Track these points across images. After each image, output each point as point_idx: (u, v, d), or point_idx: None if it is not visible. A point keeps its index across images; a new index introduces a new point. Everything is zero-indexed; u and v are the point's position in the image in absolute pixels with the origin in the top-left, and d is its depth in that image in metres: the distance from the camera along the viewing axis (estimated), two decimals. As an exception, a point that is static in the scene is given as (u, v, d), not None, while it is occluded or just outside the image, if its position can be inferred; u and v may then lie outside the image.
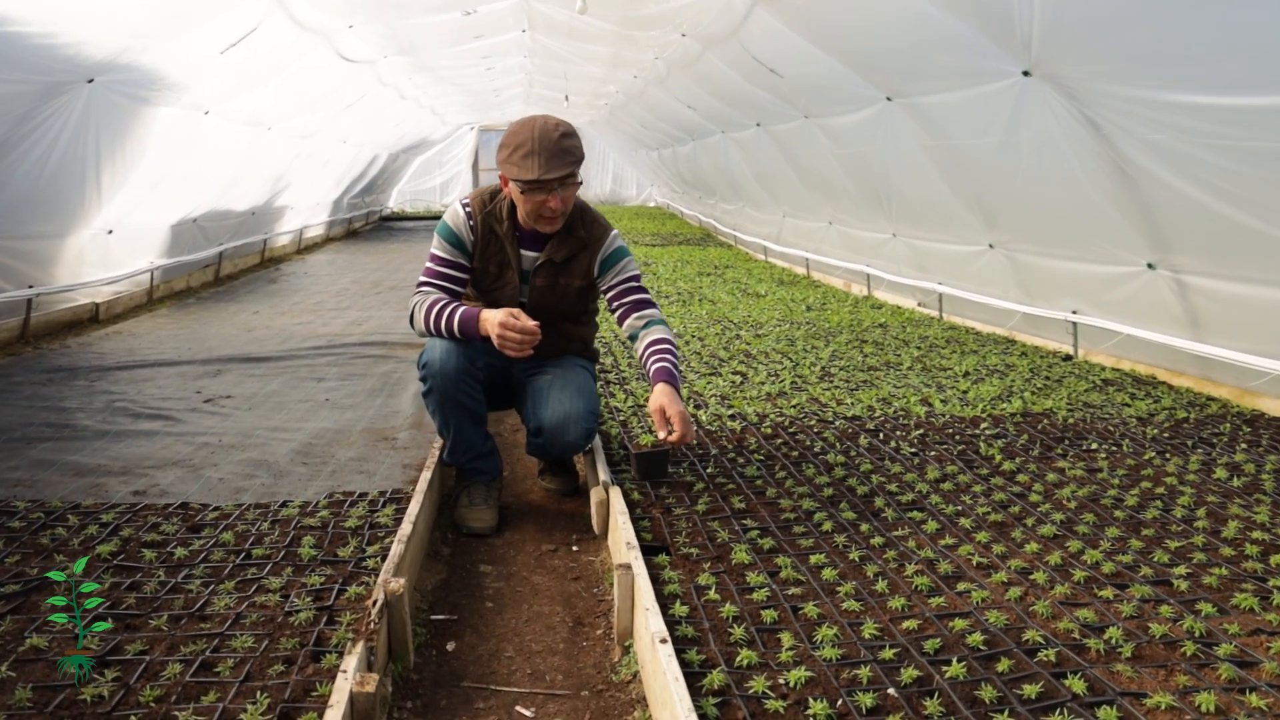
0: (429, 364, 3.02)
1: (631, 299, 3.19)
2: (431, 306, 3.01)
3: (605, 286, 3.22)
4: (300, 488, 3.36)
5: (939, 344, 5.87)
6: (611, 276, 3.21)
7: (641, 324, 3.15)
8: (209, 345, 6.09)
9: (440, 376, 3.00)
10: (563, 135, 2.93)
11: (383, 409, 4.58)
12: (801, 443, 3.65)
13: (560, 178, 2.91)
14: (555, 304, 3.20)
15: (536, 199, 2.93)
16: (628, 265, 3.24)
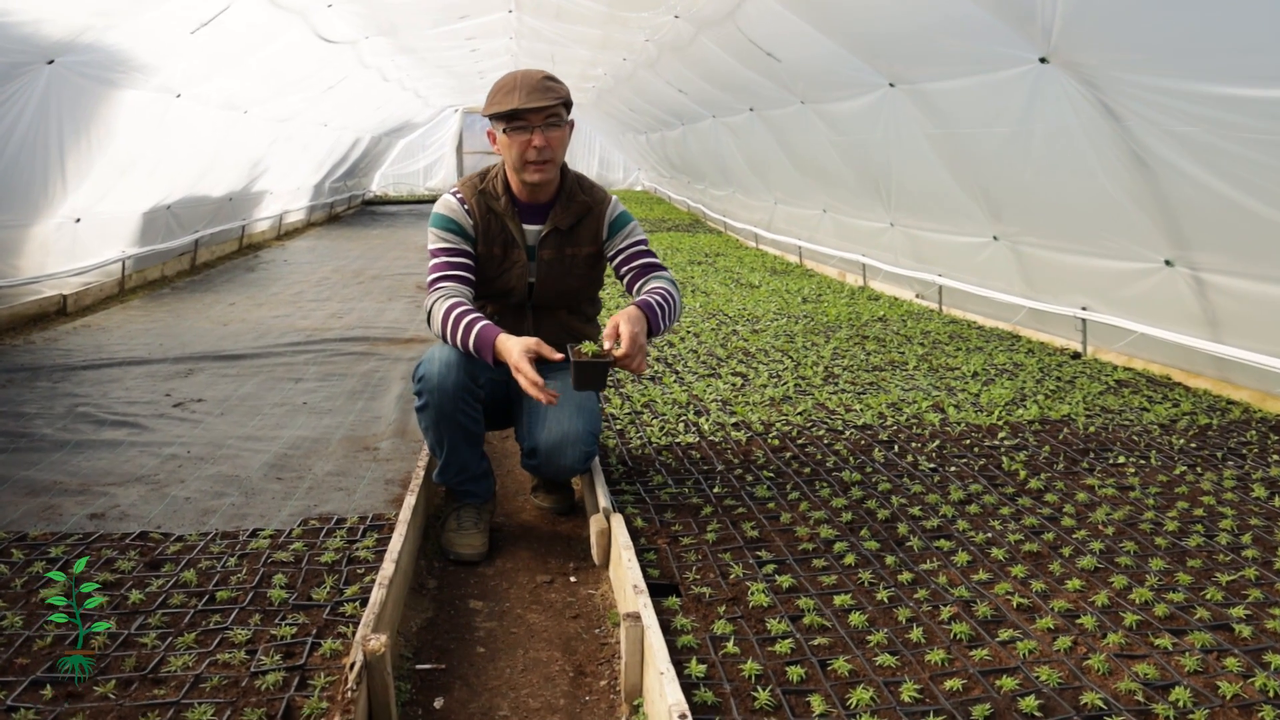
0: (426, 378, 2.75)
1: (641, 262, 2.98)
2: (451, 310, 2.73)
3: (614, 251, 3.00)
4: (273, 509, 3.09)
5: (942, 340, 5.64)
6: (620, 240, 2.99)
7: (648, 285, 2.94)
8: (182, 341, 5.78)
9: (438, 393, 2.73)
10: (545, 77, 2.79)
11: (364, 413, 4.30)
12: (813, 457, 3.40)
13: (541, 109, 2.71)
14: (563, 278, 2.96)
15: (520, 139, 2.74)
16: (635, 229, 3.03)
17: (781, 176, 9.36)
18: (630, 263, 2.98)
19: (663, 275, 2.94)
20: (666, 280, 2.91)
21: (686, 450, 3.50)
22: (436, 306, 2.75)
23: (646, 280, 2.93)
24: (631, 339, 2.55)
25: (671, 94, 10.65)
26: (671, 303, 2.82)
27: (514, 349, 2.52)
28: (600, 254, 3.01)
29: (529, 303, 2.95)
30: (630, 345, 2.54)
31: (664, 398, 4.22)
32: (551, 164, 2.79)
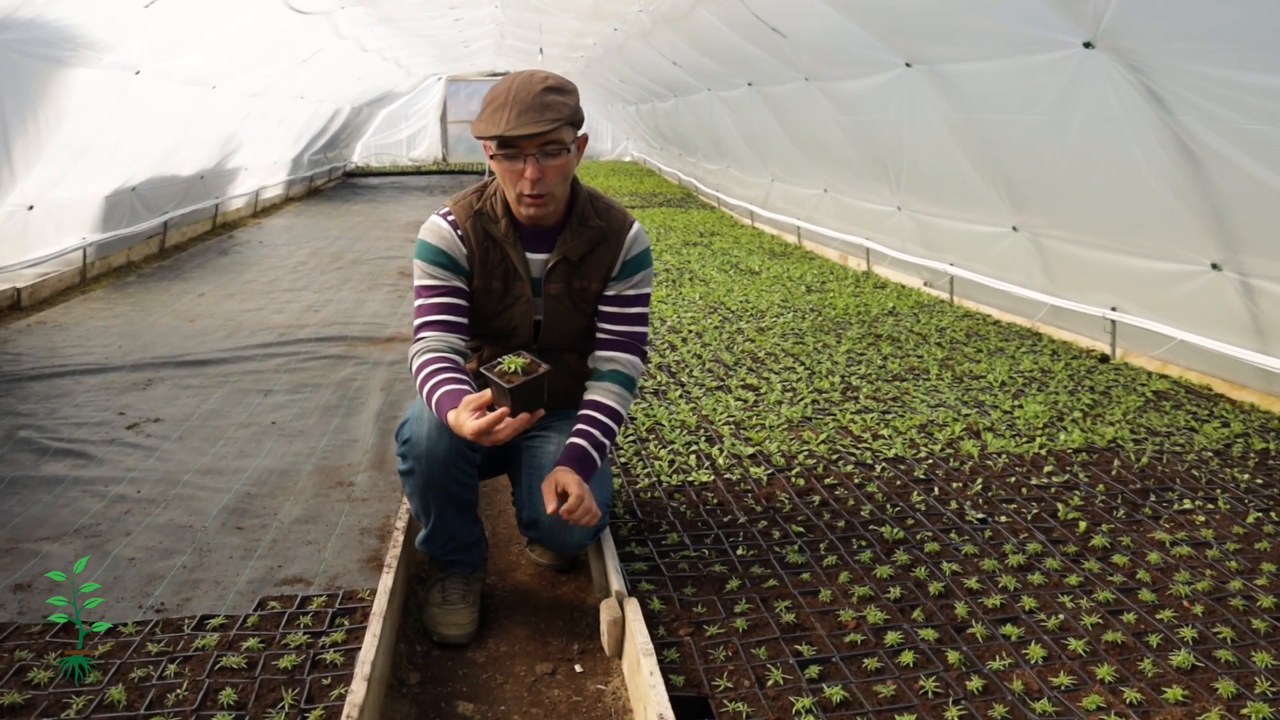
0: (413, 442, 2.30)
1: (621, 330, 2.47)
2: (422, 370, 2.27)
3: (609, 295, 2.47)
4: (229, 575, 2.65)
5: (960, 339, 5.22)
6: (624, 286, 2.47)
7: (606, 368, 2.46)
8: (143, 341, 5.30)
9: (427, 459, 2.29)
10: (547, 89, 2.22)
11: (339, 435, 3.85)
12: (844, 503, 2.98)
13: (534, 136, 2.17)
14: (573, 317, 2.47)
15: (511, 168, 2.24)
16: (646, 280, 2.51)
17: (780, 153, 8.88)
18: (616, 324, 2.47)
19: (628, 370, 2.45)
20: (621, 388, 2.43)
21: (701, 492, 3.08)
22: (414, 363, 2.30)
23: (608, 370, 2.45)
24: (578, 499, 2.20)
25: (665, 66, 10.10)
26: (614, 431, 2.41)
27: (463, 424, 2.05)
28: None
29: (534, 345, 2.49)
30: (575, 504, 2.20)
31: (671, 419, 3.79)
32: (549, 198, 2.30)
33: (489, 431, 1.98)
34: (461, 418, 2.03)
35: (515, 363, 2.04)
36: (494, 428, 1.99)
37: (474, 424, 1.99)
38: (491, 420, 1.99)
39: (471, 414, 2.02)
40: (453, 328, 2.35)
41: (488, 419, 1.99)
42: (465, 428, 2.01)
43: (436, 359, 2.25)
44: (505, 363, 2.03)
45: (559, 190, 2.29)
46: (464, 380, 2.20)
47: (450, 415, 2.07)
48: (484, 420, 1.99)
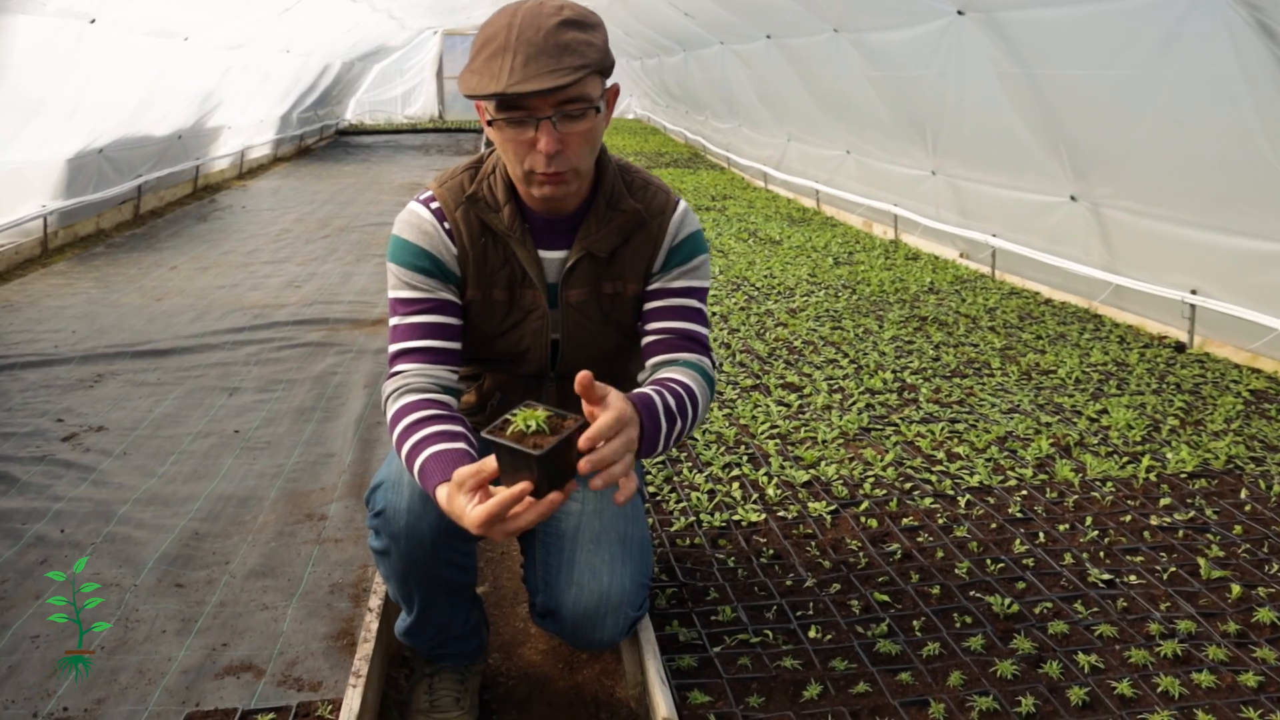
0: (388, 515, 1.66)
1: (680, 328, 1.75)
2: (399, 421, 1.58)
3: (653, 289, 1.78)
4: (156, 660, 2.04)
5: (1013, 322, 4.59)
6: (674, 277, 1.77)
7: (667, 363, 1.73)
8: (101, 325, 4.64)
9: (407, 540, 1.66)
10: (564, 23, 1.51)
11: (312, 448, 3.22)
12: (931, 555, 2.36)
13: (550, 93, 1.48)
14: (599, 333, 1.79)
15: (519, 137, 1.53)
16: (702, 269, 1.80)
17: (799, 112, 8.16)
18: (665, 320, 1.75)
19: (699, 363, 1.73)
20: (699, 373, 1.69)
21: (751, 536, 2.46)
22: (389, 409, 1.64)
23: (673, 362, 1.71)
24: (609, 453, 1.32)
25: (675, 18, 9.32)
26: (690, 414, 1.61)
27: (461, 512, 1.35)
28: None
29: (551, 373, 1.84)
30: (602, 459, 1.31)
31: (705, 431, 3.16)
32: (572, 175, 1.61)
33: (500, 519, 1.31)
34: (457, 503, 1.36)
35: (532, 418, 1.32)
36: (508, 513, 1.32)
37: (478, 513, 1.31)
38: (504, 503, 1.30)
39: (471, 495, 1.36)
40: (440, 357, 1.69)
41: (498, 502, 1.29)
42: (466, 518, 1.34)
43: (418, 404, 1.60)
44: (518, 419, 1.32)
45: (584, 164, 1.62)
46: (456, 433, 1.55)
47: (441, 494, 1.42)
48: (492, 505, 1.30)
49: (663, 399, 1.53)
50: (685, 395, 1.59)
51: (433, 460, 1.49)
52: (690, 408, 1.59)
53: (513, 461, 1.30)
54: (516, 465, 1.30)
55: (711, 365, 1.75)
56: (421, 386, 1.64)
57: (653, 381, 1.61)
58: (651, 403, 1.50)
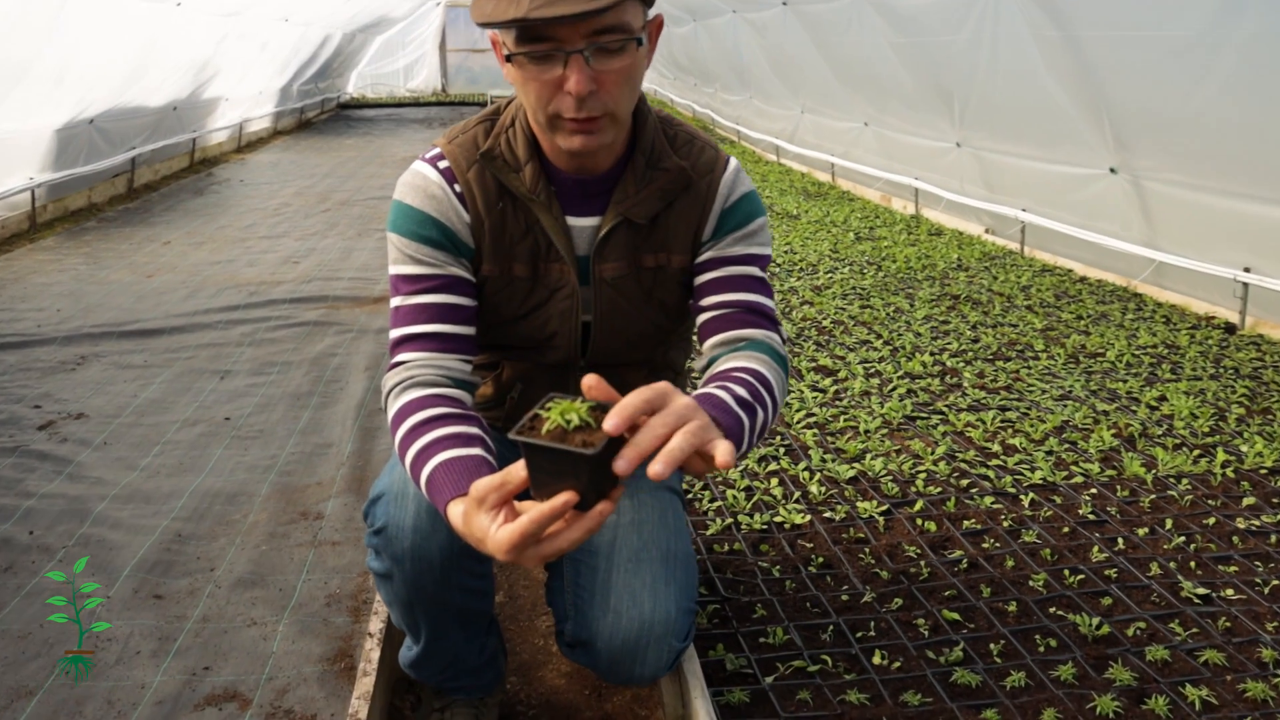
0: (390, 532, 1.39)
1: (742, 299, 1.44)
2: (402, 422, 1.29)
3: (706, 259, 1.47)
4: (129, 686, 1.78)
5: (1049, 301, 4.31)
6: (730, 243, 1.46)
7: (733, 343, 1.42)
8: (87, 304, 4.36)
9: (413, 562, 1.38)
10: None
11: (309, 437, 2.95)
12: (1000, 563, 2.09)
13: (582, 19, 1.17)
14: (638, 313, 1.50)
15: (543, 76, 1.24)
16: (759, 236, 1.48)
17: (815, 82, 7.82)
18: (723, 292, 1.44)
19: (768, 340, 1.40)
20: (769, 354, 1.37)
21: (796, 541, 2.18)
22: (390, 407, 1.36)
23: (737, 344, 1.40)
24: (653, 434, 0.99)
25: (684, -16, 8.96)
26: (767, 403, 1.27)
27: (484, 534, 1.05)
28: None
29: (581, 361, 1.55)
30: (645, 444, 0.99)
31: (733, 421, 2.88)
32: (607, 122, 1.30)
33: (535, 540, 1.01)
34: (477, 523, 1.06)
35: (572, 411, 1.00)
36: (545, 532, 1.02)
37: (506, 535, 1.01)
38: (541, 521, 0.99)
39: (494, 512, 1.06)
40: (450, 344, 1.40)
41: (533, 520, 0.99)
42: (490, 542, 1.04)
43: (424, 401, 1.31)
44: (553, 414, 1.00)
45: (622, 109, 1.31)
46: (471, 436, 1.26)
47: (455, 512, 1.14)
48: (526, 524, 1.00)
49: (729, 391, 1.22)
50: (756, 382, 1.27)
51: (444, 470, 1.20)
52: (766, 394, 1.27)
53: (553, 468, 1.00)
54: (558, 472, 1.00)
55: (782, 341, 1.45)
56: (429, 380, 1.35)
57: (712, 378, 1.32)
58: (717, 399, 1.20)
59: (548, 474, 1.01)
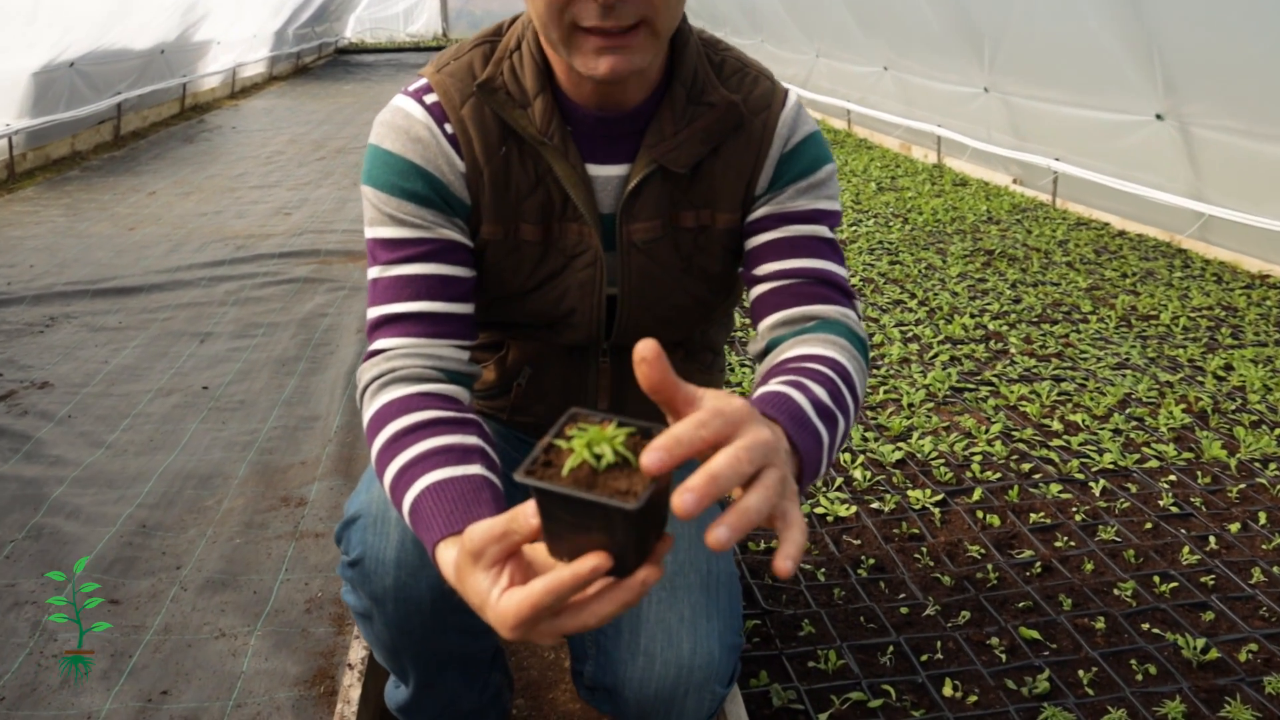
0: (367, 566, 1.08)
1: (808, 266, 1.11)
2: (381, 429, 0.98)
3: (761, 217, 1.13)
4: (73, 716, 1.51)
5: (1089, 257, 3.99)
6: (792, 195, 1.13)
7: (809, 327, 1.08)
8: (63, 259, 4.04)
9: (397, 604, 1.09)
10: None
11: (294, 407, 2.65)
12: (1078, 566, 1.80)
13: None
14: (675, 284, 1.15)
15: None
16: (827, 186, 1.15)
17: (831, 24, 7.38)
18: (785, 257, 1.11)
19: (844, 320, 1.09)
20: (847, 336, 1.06)
21: (841, 537, 1.90)
22: (367, 409, 1.05)
23: (804, 325, 1.08)
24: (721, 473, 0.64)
25: (694, -80, 8.45)
26: (850, 405, 0.96)
27: (484, 602, 0.74)
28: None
29: (605, 343, 1.23)
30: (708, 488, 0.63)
31: (761, 393, 2.59)
32: (646, 34, 0.96)
33: (551, 613, 0.71)
34: (472, 582, 0.75)
35: (603, 441, 0.68)
36: (563, 603, 0.71)
37: (512, 606, 0.71)
38: (560, 592, 0.69)
39: (493, 571, 0.74)
40: (443, 326, 1.09)
41: (548, 591, 0.69)
42: (490, 611, 0.73)
43: (408, 401, 1.00)
44: (578, 446, 0.67)
45: (663, 19, 0.97)
46: (467, 449, 0.95)
47: (445, 558, 0.83)
48: (540, 595, 0.70)
49: (807, 393, 0.90)
50: (838, 378, 0.95)
51: (432, 497, 0.90)
52: (848, 394, 0.96)
53: (577, 521, 0.69)
54: (583, 525, 0.69)
55: (859, 318, 1.14)
56: (415, 373, 1.05)
57: (780, 369, 1.00)
58: (793, 405, 0.87)
59: (569, 527, 0.70)
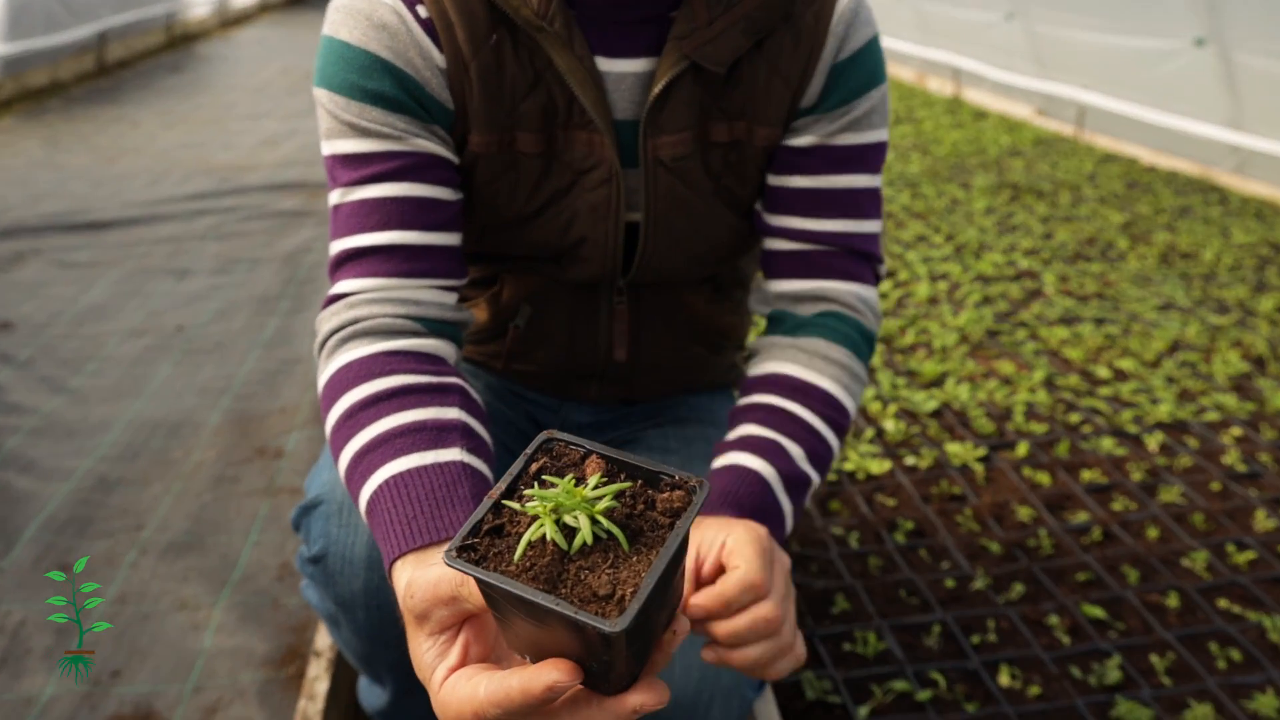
0: (330, 565, 0.86)
1: (834, 229, 0.90)
2: (338, 397, 0.76)
3: (800, 148, 0.90)
4: (5, 713, 1.31)
5: (1120, 192, 3.73)
6: (836, 127, 0.89)
7: (802, 315, 0.91)
8: (36, 191, 3.78)
9: (367, 610, 0.87)
10: None
11: (274, 350, 2.43)
12: (1139, 531, 1.59)
13: None
14: (707, 211, 0.91)
15: None
16: (881, 106, 0.91)
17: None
18: (810, 214, 0.90)
19: (854, 316, 0.90)
20: (847, 342, 0.89)
21: (874, 496, 1.69)
22: (323, 365, 0.81)
23: (809, 318, 0.90)
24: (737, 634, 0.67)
25: None
26: (832, 450, 0.86)
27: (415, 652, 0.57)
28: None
29: (621, 281, 0.98)
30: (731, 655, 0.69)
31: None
32: None
33: (518, 711, 0.50)
34: (416, 645, 0.57)
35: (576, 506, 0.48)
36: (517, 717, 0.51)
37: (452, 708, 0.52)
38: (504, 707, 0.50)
39: (440, 640, 0.56)
40: (422, 262, 0.84)
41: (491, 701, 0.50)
42: (433, 698, 0.55)
43: (374, 362, 0.77)
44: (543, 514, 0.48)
45: None
46: (444, 424, 0.73)
47: (400, 580, 0.62)
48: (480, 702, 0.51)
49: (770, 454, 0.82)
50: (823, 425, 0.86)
51: (392, 494, 0.68)
52: (834, 439, 0.87)
53: (539, 622, 0.49)
54: (546, 627, 0.49)
55: (873, 301, 0.93)
56: (384, 325, 0.82)
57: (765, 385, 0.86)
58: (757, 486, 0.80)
59: (529, 625, 0.49)
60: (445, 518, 0.64)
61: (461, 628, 0.55)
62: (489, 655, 0.57)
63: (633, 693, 0.50)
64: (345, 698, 1.22)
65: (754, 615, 0.68)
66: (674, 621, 0.53)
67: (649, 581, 0.46)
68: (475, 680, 0.52)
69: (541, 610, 0.46)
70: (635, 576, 0.47)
